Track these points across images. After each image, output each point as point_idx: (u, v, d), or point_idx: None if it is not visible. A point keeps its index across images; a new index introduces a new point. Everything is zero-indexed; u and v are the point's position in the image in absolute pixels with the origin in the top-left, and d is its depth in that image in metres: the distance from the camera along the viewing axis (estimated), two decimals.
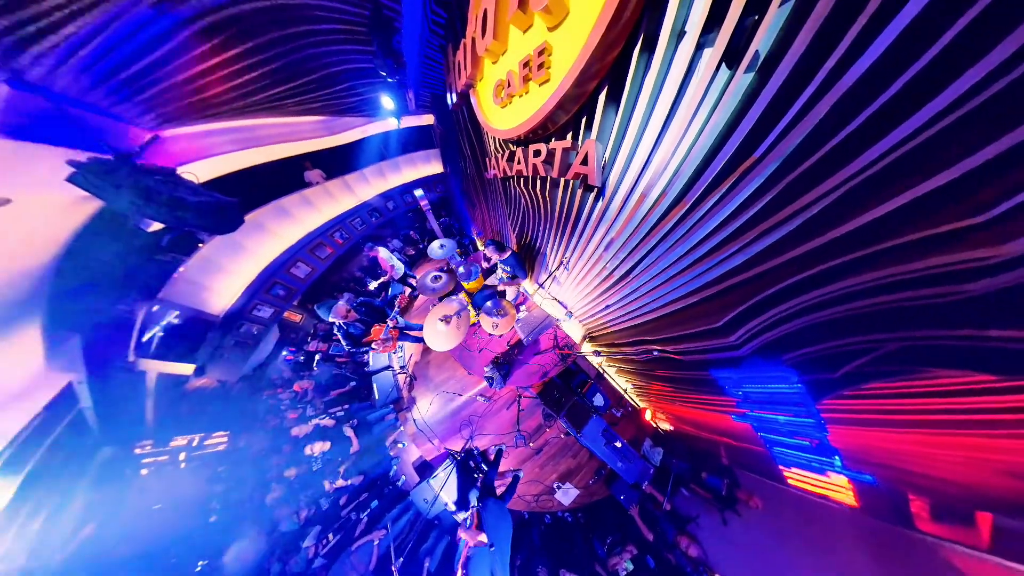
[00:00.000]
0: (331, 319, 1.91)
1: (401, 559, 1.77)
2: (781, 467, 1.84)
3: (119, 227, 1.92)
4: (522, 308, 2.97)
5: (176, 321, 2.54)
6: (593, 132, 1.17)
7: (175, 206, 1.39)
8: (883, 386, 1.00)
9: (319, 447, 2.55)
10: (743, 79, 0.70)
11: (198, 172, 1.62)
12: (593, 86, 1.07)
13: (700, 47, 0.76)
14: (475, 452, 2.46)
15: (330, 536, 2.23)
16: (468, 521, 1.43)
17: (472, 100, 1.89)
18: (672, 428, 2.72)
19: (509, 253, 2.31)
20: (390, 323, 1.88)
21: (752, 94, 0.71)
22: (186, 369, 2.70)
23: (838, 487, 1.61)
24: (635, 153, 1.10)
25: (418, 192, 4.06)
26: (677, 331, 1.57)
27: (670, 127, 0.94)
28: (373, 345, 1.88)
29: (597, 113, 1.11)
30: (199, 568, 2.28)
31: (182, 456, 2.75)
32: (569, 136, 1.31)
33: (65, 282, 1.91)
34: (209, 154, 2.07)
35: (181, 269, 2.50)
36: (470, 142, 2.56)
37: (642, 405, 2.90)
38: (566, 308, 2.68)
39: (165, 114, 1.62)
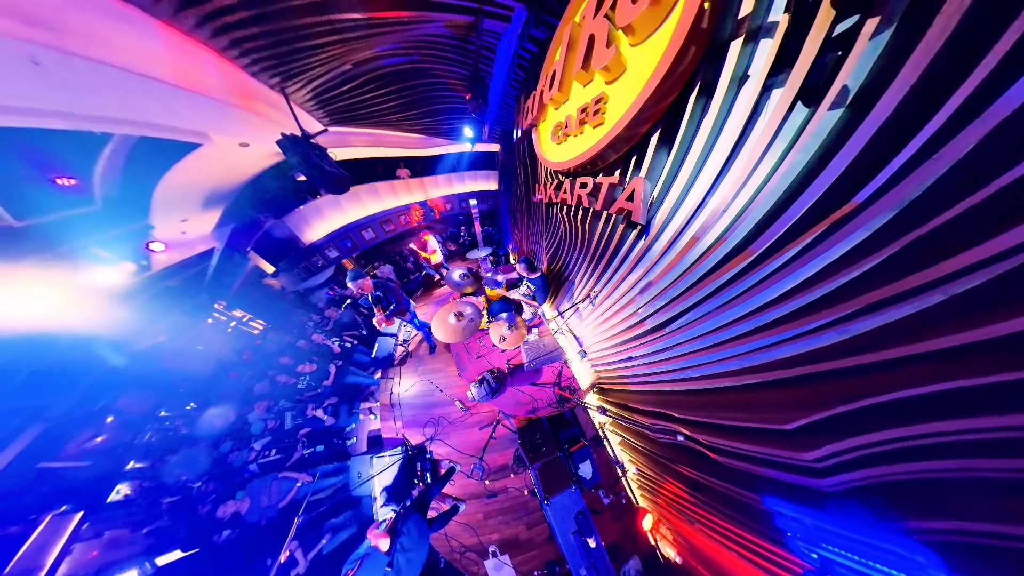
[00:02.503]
0: (349, 284, 2.15)
1: (305, 517, 1.65)
2: None
3: (283, 174, 3.20)
4: (534, 331, 2.81)
5: (280, 235, 3.84)
6: (642, 171, 1.18)
7: (317, 170, 2.09)
8: None
9: (308, 367, 2.87)
10: (827, 116, 0.62)
11: (338, 153, 2.36)
12: (645, 129, 1.12)
13: (767, 88, 0.73)
14: (427, 455, 2.25)
15: (272, 452, 2.31)
16: (383, 524, 1.25)
17: (533, 136, 2.14)
18: (678, 559, 1.84)
19: (539, 274, 2.32)
20: (378, 313, 2.21)
21: (844, 131, 0.60)
22: (269, 268, 3.89)
23: None
24: (688, 194, 1.03)
25: (473, 201, 4.86)
26: (720, 417, 1.18)
27: (731, 168, 0.87)
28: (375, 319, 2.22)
29: (648, 153, 1.14)
30: (188, 407, 2.83)
31: (233, 324, 3.73)
32: (617, 173, 1.35)
33: (243, 194, 3.20)
34: (348, 145, 3.29)
35: (301, 207, 3.88)
36: (525, 169, 2.87)
37: (642, 504, 2.13)
38: (581, 345, 2.41)
39: (335, 117, 2.72)
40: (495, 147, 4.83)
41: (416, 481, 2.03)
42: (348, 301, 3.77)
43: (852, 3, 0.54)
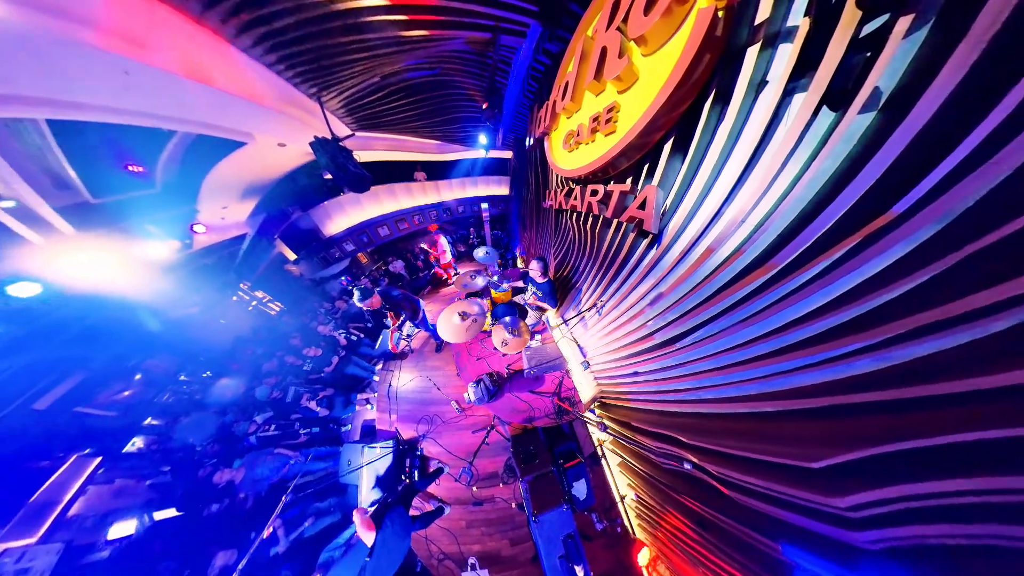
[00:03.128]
0: (359, 304, 2.11)
1: (292, 497, 1.70)
2: None
3: (313, 172, 3.79)
4: (537, 337, 2.76)
5: (304, 227, 4.34)
6: (655, 179, 1.15)
7: (343, 170, 2.33)
8: None
9: (313, 351, 3.06)
10: (858, 120, 0.57)
11: (361, 156, 2.83)
12: (658, 137, 1.10)
13: (788, 93, 0.69)
14: (418, 452, 2.24)
15: (271, 427, 2.44)
16: (370, 512, 1.25)
17: (545, 143, 2.16)
18: None
19: (546, 280, 2.30)
20: (392, 322, 2.30)
21: (877, 136, 0.56)
22: (291, 255, 4.34)
23: None
24: (703, 202, 0.99)
25: (484, 205, 5.28)
26: (733, 447, 1.06)
27: (750, 176, 0.82)
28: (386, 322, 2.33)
29: (661, 161, 1.11)
30: (204, 375, 3.11)
31: (254, 303, 4.14)
32: (629, 181, 1.33)
33: (276, 187, 3.74)
34: (372, 148, 3.70)
35: (325, 203, 4.40)
36: (536, 175, 2.93)
37: (640, 536, 1.92)
38: (584, 356, 2.31)
39: (362, 123, 3.05)
40: (508, 154, 5.02)
41: (403, 477, 2.04)
42: (359, 290, 4.00)
43: (880, 3, 0.51)
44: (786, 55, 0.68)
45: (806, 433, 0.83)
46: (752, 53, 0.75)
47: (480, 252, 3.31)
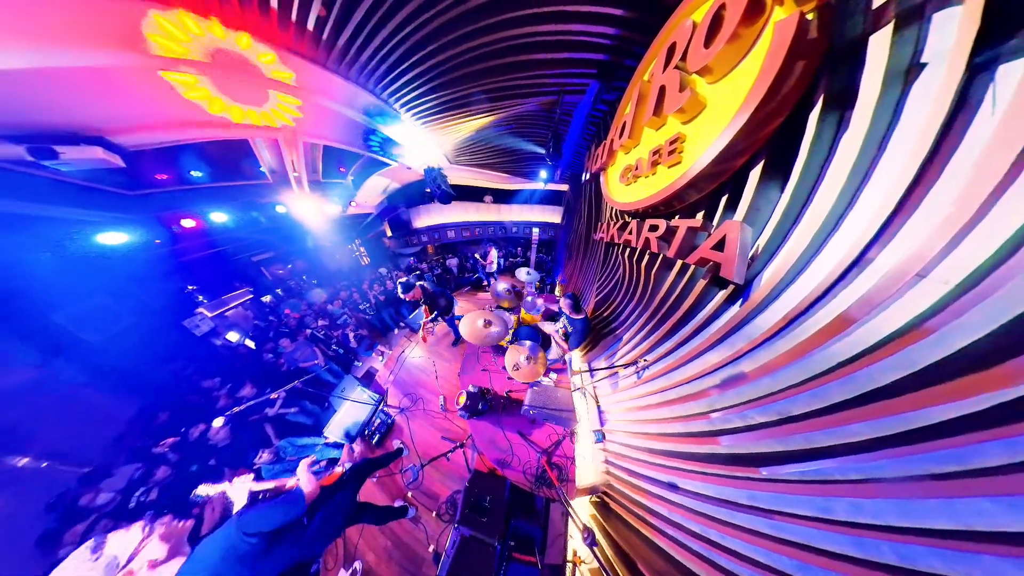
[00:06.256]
0: (402, 295, 2.52)
1: (300, 385, 2.06)
2: None
3: (420, 188, 5.20)
4: (552, 375, 2.37)
5: (403, 218, 6.58)
6: (738, 213, 0.89)
7: (438, 187, 3.67)
8: None
9: (374, 292, 4.66)
10: None
11: (451, 178, 4.26)
12: (740, 163, 0.88)
13: (976, 69, 0.42)
14: (389, 420, 2.36)
15: (323, 332, 3.55)
16: (322, 474, 1.25)
17: (601, 178, 2.13)
18: None
19: (582, 316, 2.06)
20: (425, 315, 2.70)
21: None
22: (389, 233, 6.54)
23: None
24: (825, 244, 0.66)
25: (535, 229, 5.88)
26: None
27: (926, 199, 0.49)
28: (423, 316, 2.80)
29: (747, 191, 0.86)
30: (313, 281, 5.15)
31: (356, 253, 6.15)
32: (700, 215, 1.09)
33: (397, 190, 5.59)
34: (458, 174, 4.88)
35: (420, 206, 6.49)
36: (589, 206, 2.91)
37: None
38: (601, 423, 1.77)
39: (458, 159, 4.29)
40: (564, 187, 5.66)
41: (367, 433, 2.24)
42: (417, 272, 5.54)
43: None
44: (953, 20, 0.45)
45: None
46: (881, 39, 0.55)
47: (522, 272, 3.55)
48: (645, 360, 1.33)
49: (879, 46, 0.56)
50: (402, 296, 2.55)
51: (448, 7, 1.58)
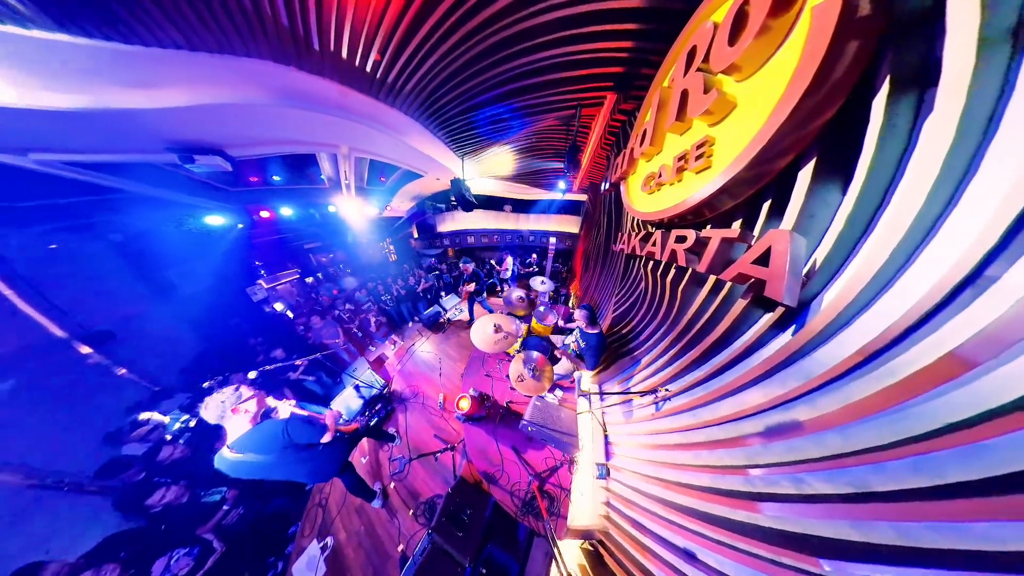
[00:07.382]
0: (460, 266, 3.26)
1: (320, 357, 2.44)
2: None
3: (446, 194, 5.39)
4: (558, 392, 2.19)
5: (429, 222, 7.05)
6: (786, 221, 0.74)
7: (462, 196, 3.69)
8: None
9: (397, 285, 4.91)
10: None
11: (474, 188, 4.42)
12: (784, 163, 0.74)
13: None
14: (389, 407, 2.51)
15: (348, 314, 4.17)
16: (343, 421, 1.50)
17: (621, 187, 2.01)
18: None
19: (597, 331, 1.90)
20: (467, 287, 2.99)
21: None
22: (416, 235, 7.00)
23: None
24: (914, 258, 0.49)
25: (552, 239, 5.99)
26: None
27: None
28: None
29: (796, 195, 0.71)
30: (347, 270, 6.02)
31: (386, 251, 6.90)
32: (736, 224, 0.93)
33: (425, 198, 5.96)
34: (481, 183, 5.13)
35: (445, 212, 6.86)
36: (608, 217, 2.82)
37: None
38: (607, 457, 1.54)
39: (482, 172, 4.43)
40: (583, 196, 5.66)
41: (365, 412, 2.43)
42: (436, 272, 5.97)
43: None
44: None
45: None
46: (969, 2, 0.41)
47: (537, 281, 3.57)
48: (667, 390, 1.14)
49: (964, 5, 0.44)
50: (460, 267, 2.98)
51: (473, 45, 1.74)
